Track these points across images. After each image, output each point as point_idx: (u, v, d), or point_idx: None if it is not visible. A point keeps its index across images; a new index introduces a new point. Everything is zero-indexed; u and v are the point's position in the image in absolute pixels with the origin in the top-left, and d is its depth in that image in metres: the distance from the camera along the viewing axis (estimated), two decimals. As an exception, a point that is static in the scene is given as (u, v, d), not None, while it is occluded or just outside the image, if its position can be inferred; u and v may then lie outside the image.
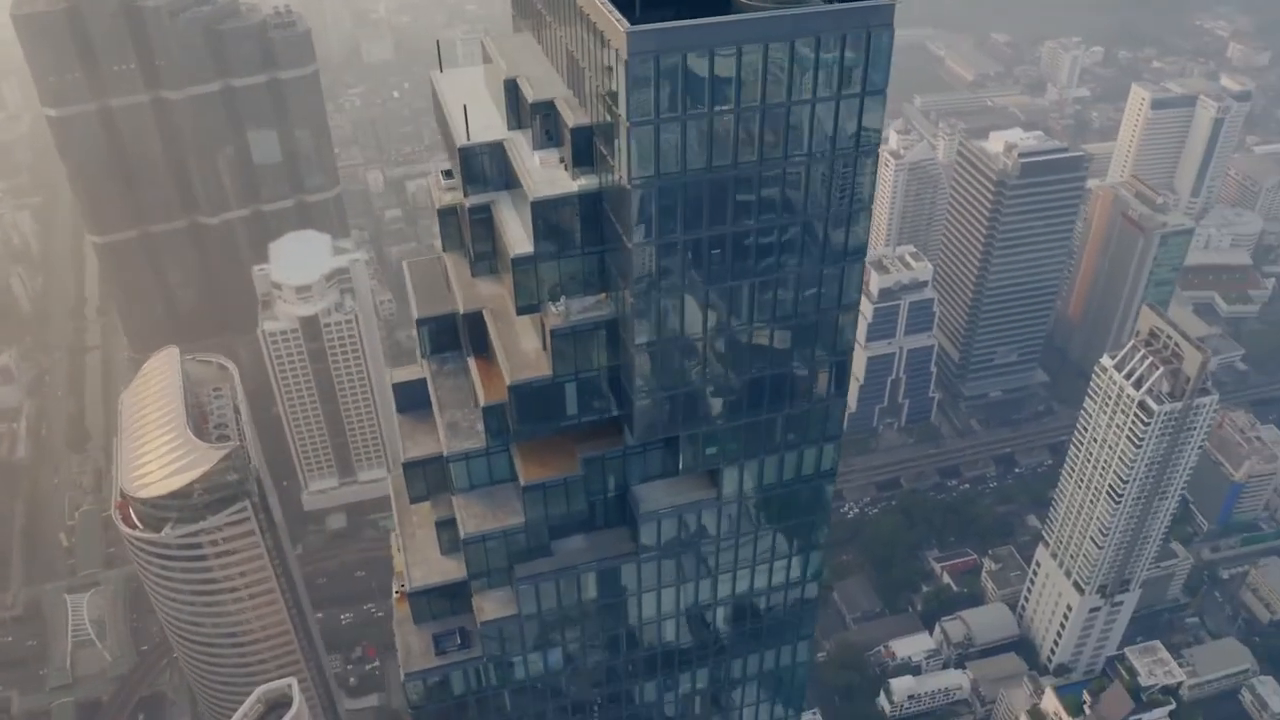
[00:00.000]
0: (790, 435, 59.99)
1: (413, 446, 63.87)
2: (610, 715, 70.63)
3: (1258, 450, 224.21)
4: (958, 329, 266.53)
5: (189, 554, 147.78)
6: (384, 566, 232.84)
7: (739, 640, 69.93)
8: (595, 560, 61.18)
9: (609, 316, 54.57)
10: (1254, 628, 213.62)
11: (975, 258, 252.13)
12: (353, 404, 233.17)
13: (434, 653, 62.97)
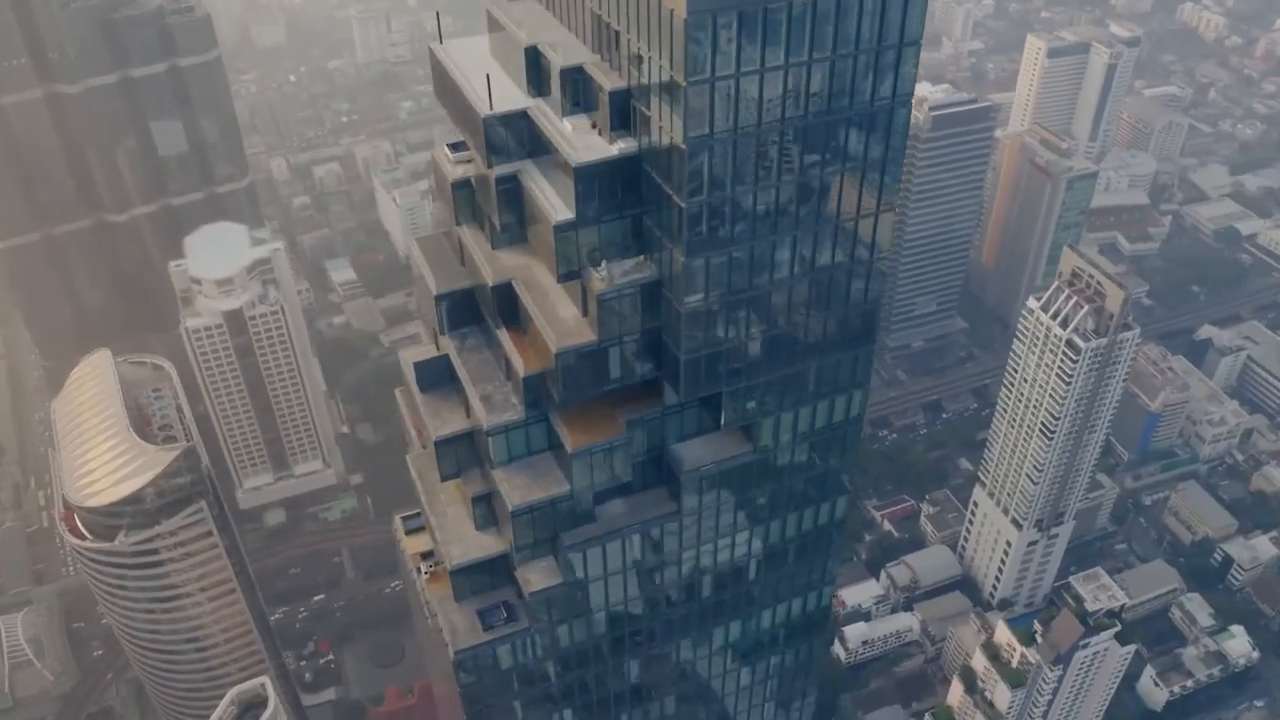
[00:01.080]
0: (824, 384, 61.36)
1: (441, 425, 63.39)
2: (648, 675, 71.55)
3: (1170, 381, 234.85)
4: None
5: (145, 560, 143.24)
6: (328, 560, 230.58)
7: (767, 590, 71.43)
8: (638, 523, 61.83)
9: (652, 278, 55.00)
10: (1178, 549, 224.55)
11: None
12: (284, 397, 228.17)
13: (481, 628, 62.82)
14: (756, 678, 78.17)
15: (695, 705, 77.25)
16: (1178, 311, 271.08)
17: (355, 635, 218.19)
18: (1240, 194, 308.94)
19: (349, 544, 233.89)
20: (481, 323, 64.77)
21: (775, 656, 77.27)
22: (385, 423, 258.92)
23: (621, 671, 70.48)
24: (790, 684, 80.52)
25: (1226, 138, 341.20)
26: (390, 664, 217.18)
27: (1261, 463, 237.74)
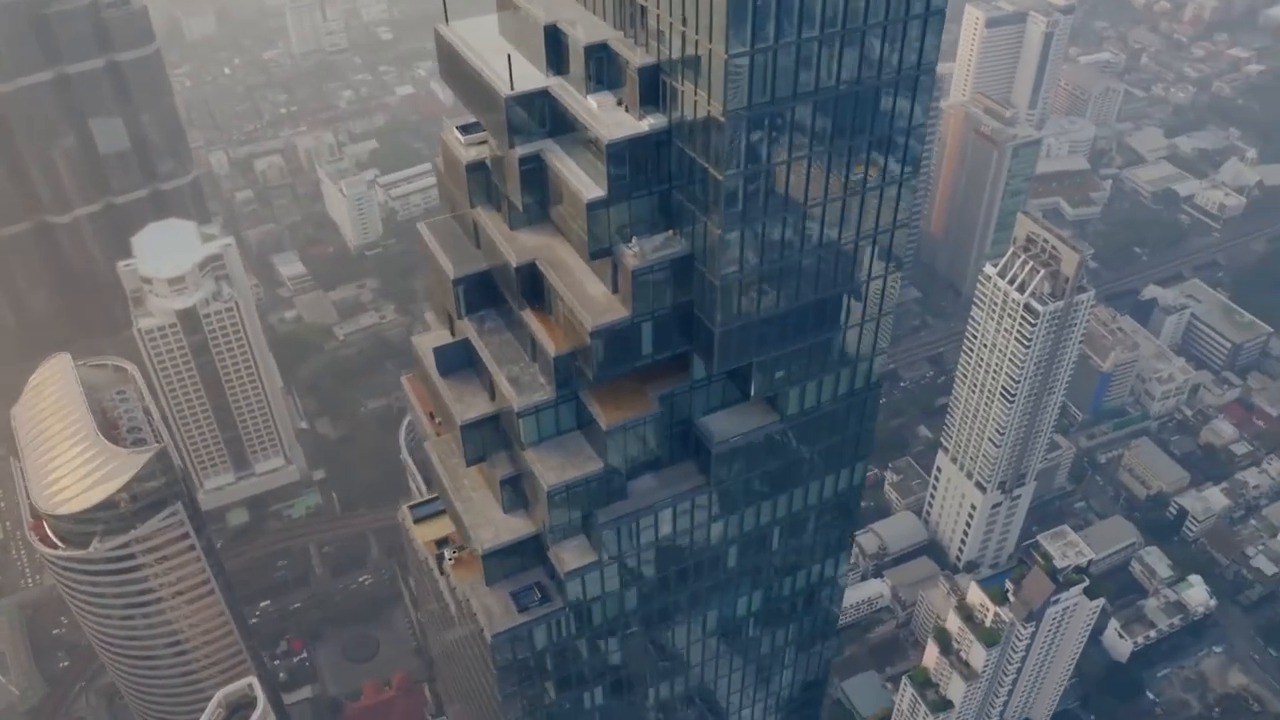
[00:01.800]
0: (847, 351, 62.24)
1: (466, 409, 63.12)
2: (675, 648, 72.22)
3: (1121, 341, 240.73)
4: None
5: (121, 566, 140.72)
6: (295, 557, 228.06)
7: (789, 557, 72.40)
8: (670, 497, 62.25)
9: (683, 252, 55.27)
10: (1134, 504, 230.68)
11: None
12: (241, 395, 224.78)
13: (516, 610, 62.88)
14: (776, 644, 79.29)
15: (718, 675, 78.10)
16: (1122, 273, 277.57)
17: (327, 632, 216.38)
18: (1176, 156, 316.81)
19: (315, 540, 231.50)
20: (499, 305, 64.56)
21: (794, 623, 78.40)
22: (344, 417, 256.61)
23: (650, 646, 71.01)
24: (808, 649, 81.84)
25: (1160, 102, 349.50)
26: (365, 659, 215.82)
27: (1209, 417, 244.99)
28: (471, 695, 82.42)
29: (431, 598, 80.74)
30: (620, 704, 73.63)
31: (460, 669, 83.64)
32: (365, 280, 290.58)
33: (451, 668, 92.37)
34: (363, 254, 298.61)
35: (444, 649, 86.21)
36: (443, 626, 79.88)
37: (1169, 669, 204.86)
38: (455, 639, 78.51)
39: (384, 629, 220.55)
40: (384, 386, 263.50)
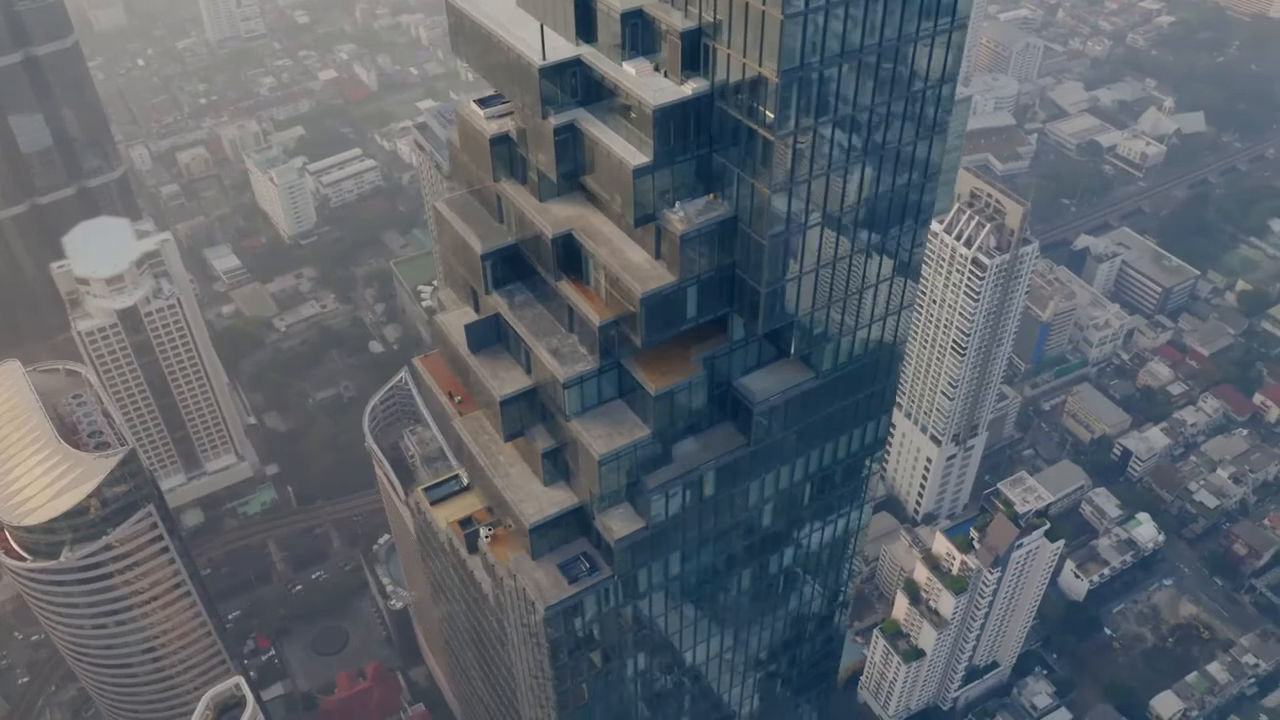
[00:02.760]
0: (878, 305, 63.38)
1: (502, 384, 62.92)
2: (712, 610, 73.14)
3: (1058, 290, 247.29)
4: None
5: (93, 574, 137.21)
6: (255, 555, 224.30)
7: (818, 512, 73.70)
8: (714, 458, 62.88)
9: (727, 215, 55.67)
10: (1079, 448, 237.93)
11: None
12: (189, 393, 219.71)
13: (566, 581, 63.08)
14: (804, 598, 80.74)
15: (749, 634, 79.30)
16: (1053, 224, 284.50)
17: (294, 628, 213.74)
18: (1097, 109, 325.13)
19: (273, 536, 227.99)
20: (526, 278, 64.40)
21: (820, 577, 79.88)
22: (293, 410, 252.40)
23: (690, 607, 71.80)
24: (833, 601, 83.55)
25: (1078, 56, 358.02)
26: (334, 651, 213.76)
27: (1145, 360, 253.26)
28: (497, 675, 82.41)
29: (455, 578, 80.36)
30: (659, 669, 74.41)
31: (481, 649, 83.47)
32: (303, 270, 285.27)
33: (465, 650, 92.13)
34: (298, 243, 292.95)
35: (466, 630, 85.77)
36: (469, 605, 79.59)
37: (1123, 604, 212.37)
38: (481, 617, 78.35)
39: (352, 620, 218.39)
40: (331, 376, 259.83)
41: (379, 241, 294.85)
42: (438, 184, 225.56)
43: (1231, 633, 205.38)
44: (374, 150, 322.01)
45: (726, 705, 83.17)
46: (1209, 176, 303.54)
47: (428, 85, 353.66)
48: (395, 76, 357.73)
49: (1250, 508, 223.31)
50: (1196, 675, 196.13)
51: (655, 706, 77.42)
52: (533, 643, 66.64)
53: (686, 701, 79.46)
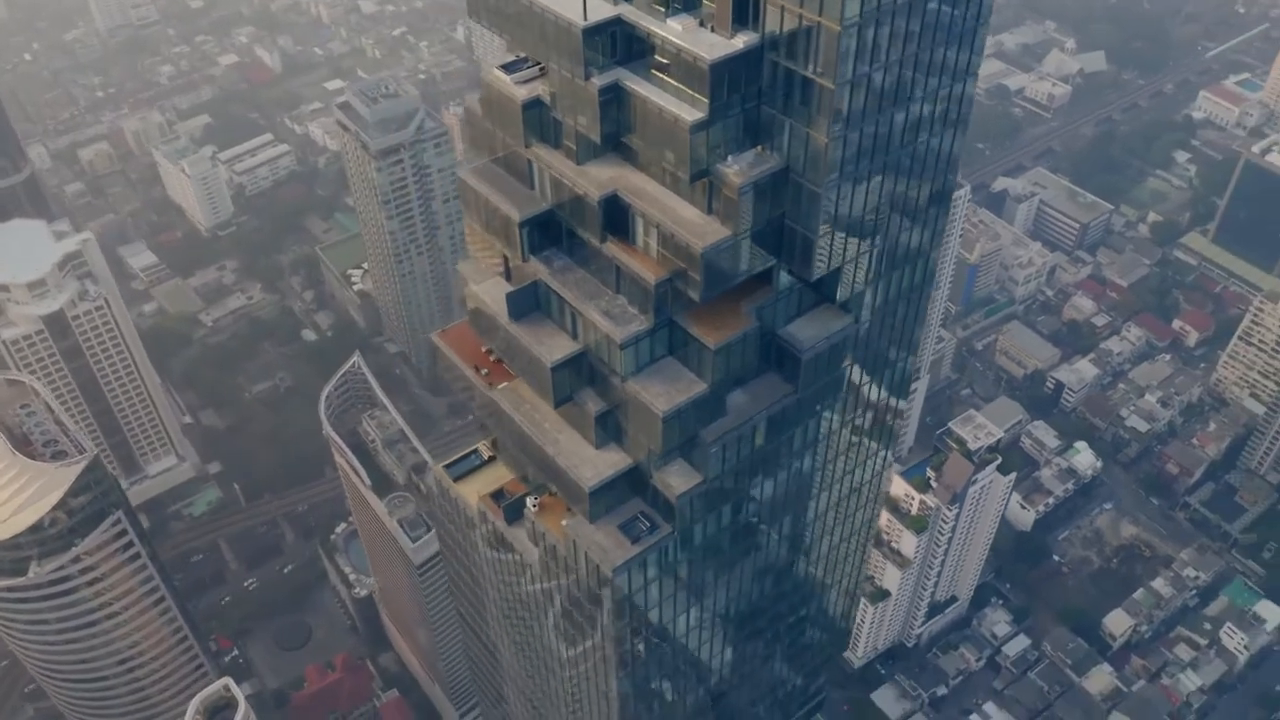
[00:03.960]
0: (911, 248, 64.84)
1: (550, 350, 62.67)
2: (756, 559, 74.45)
3: (983, 232, 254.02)
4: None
5: (63, 588, 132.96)
6: (206, 556, 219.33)
7: (852, 456, 75.40)
8: (765, 407, 63.80)
9: (779, 166, 56.27)
10: (1014, 384, 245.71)
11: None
12: (124, 396, 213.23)
13: (629, 542, 63.52)
14: (833, 542, 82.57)
15: (786, 583, 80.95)
16: (971, 168, 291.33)
17: (254, 626, 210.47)
18: (1002, 53, 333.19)
19: (224, 535, 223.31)
20: (559, 243, 64.18)
21: (847, 521, 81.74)
22: (229, 405, 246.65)
23: (739, 558, 72.93)
24: (863, 544, 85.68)
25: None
26: (298, 646, 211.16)
27: (1068, 294, 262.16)
28: (534, 646, 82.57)
29: (484, 552, 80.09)
30: (706, 624, 75.54)
31: (516, 622, 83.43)
32: (224, 262, 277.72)
33: (491, 625, 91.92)
34: (216, 235, 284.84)
35: (497, 604, 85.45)
36: (503, 579, 79.46)
37: (1068, 530, 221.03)
38: (518, 588, 78.34)
39: (313, 613, 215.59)
40: (265, 368, 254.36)
41: (301, 228, 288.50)
42: (365, 164, 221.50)
43: (1171, 549, 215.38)
44: (285, 134, 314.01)
45: (764, 653, 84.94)
46: (1113, 114, 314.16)
47: (334, 65, 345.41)
48: (299, 57, 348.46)
49: (1178, 429, 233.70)
50: (1143, 592, 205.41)
51: (700, 660, 78.64)
52: (594, 606, 67.02)
53: (728, 654, 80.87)
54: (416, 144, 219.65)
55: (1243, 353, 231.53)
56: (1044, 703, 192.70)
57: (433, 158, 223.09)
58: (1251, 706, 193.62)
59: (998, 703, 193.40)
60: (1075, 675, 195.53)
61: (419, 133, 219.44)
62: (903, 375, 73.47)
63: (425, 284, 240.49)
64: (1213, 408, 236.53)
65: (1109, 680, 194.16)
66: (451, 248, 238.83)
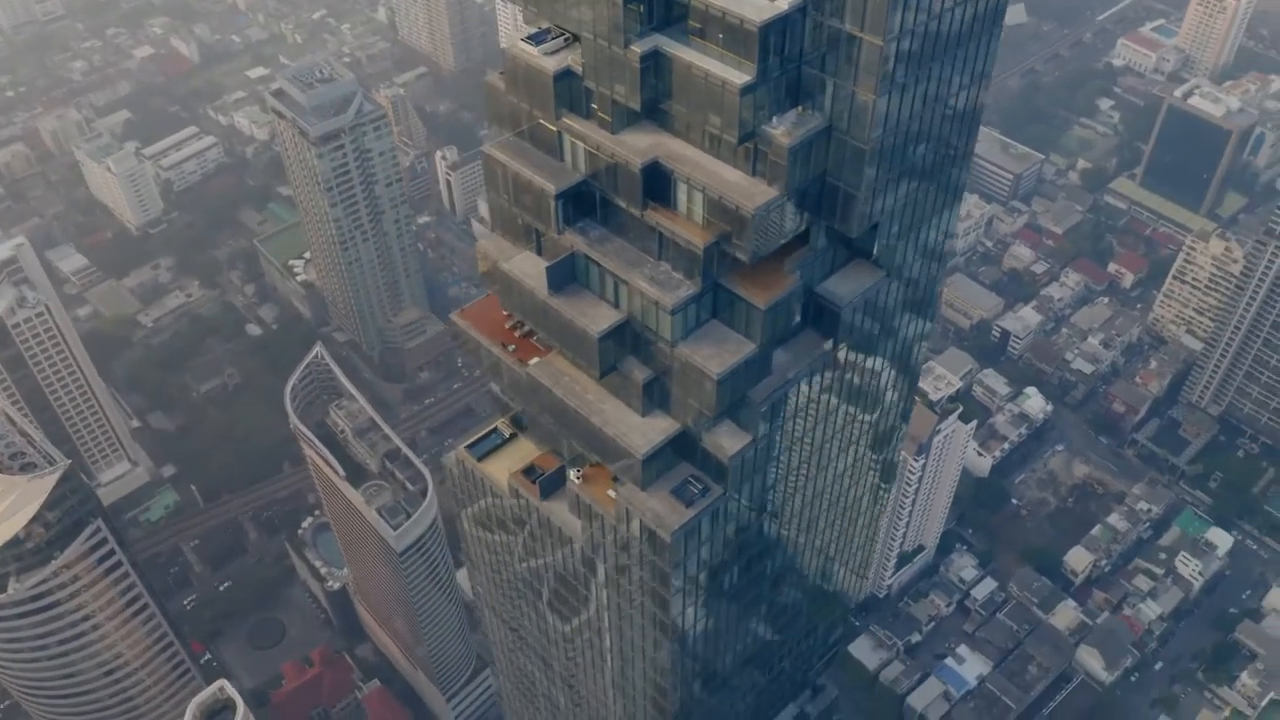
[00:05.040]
0: (937, 200, 66.19)
1: (595, 320, 62.85)
2: (794, 514, 75.71)
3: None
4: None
5: (45, 603, 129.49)
6: (168, 561, 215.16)
7: (880, 404, 76.98)
8: (807, 365, 64.83)
9: (823, 125, 56.98)
10: (962, 335, 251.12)
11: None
12: (70, 404, 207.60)
13: (684, 506, 64.14)
14: (859, 491, 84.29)
15: (818, 535, 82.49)
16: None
17: (225, 628, 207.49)
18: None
19: (185, 539, 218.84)
20: (592, 214, 64.29)
21: (871, 472, 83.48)
22: (178, 406, 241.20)
23: (781, 513, 74.15)
24: (889, 492, 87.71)
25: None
26: (272, 644, 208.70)
27: (1007, 244, 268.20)
28: (573, 620, 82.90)
29: (515, 531, 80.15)
30: (750, 580, 76.75)
31: (554, 597, 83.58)
32: (159, 260, 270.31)
33: (519, 603, 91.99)
34: (147, 233, 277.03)
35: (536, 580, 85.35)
36: (540, 553, 79.62)
37: (1024, 474, 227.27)
38: (556, 562, 78.61)
39: (285, 609, 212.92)
40: (212, 366, 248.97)
41: (235, 221, 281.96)
42: (304, 151, 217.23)
43: (1122, 485, 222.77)
44: (210, 126, 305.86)
45: (795, 607, 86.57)
46: (1036, 65, 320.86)
47: (254, 52, 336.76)
48: (217, 46, 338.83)
49: (1121, 369, 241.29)
50: (1100, 528, 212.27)
51: (741, 615, 79.96)
52: (645, 572, 67.57)
53: (764, 610, 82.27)
54: (356, 128, 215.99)
55: (1177, 291, 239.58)
56: (1014, 641, 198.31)
57: (373, 141, 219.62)
58: (1208, 629, 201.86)
59: (970, 645, 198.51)
60: (1042, 613, 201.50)
61: (358, 116, 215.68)
62: (924, 327, 75.07)
63: (372, 270, 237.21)
64: (1152, 346, 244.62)
65: (1074, 615, 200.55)
66: (397, 233, 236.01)
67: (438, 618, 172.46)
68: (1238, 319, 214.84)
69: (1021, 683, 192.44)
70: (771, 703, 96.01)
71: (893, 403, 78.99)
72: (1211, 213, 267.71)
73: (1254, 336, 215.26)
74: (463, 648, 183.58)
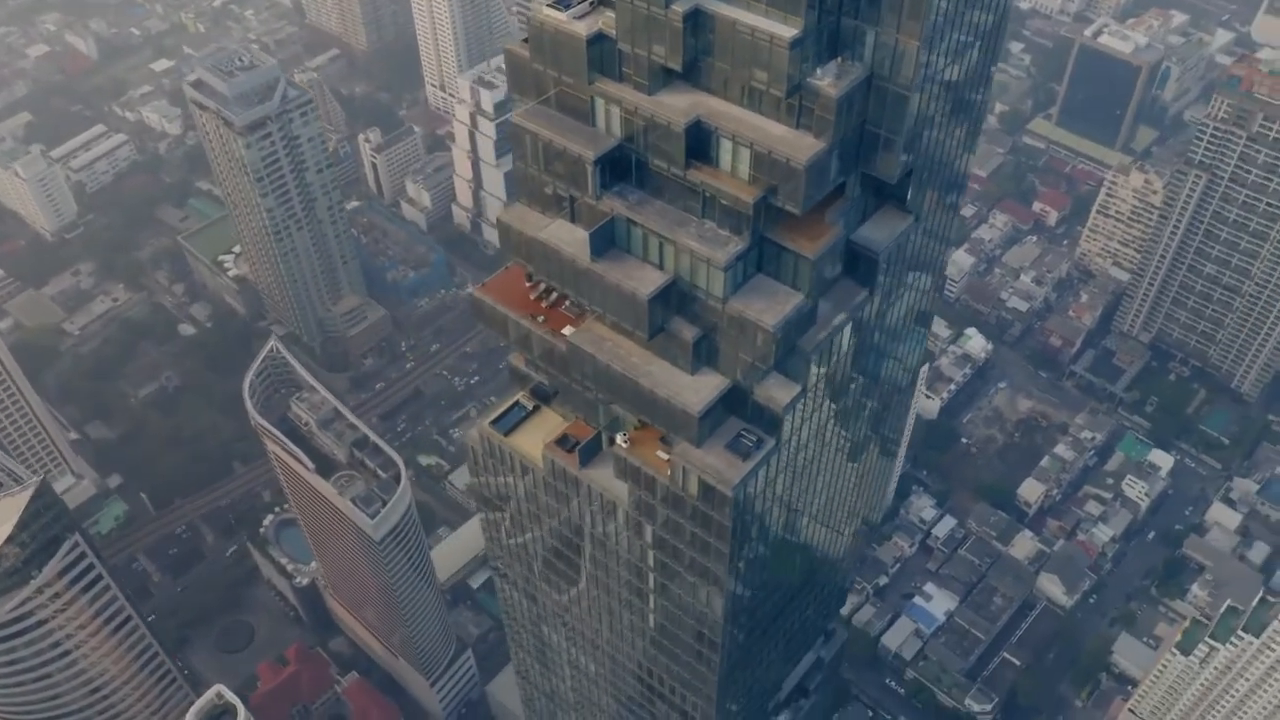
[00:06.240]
0: (958, 144, 67.81)
1: (642, 282, 63.03)
2: (824, 464, 77.33)
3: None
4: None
5: (27, 624, 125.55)
6: (124, 573, 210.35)
7: (904, 342, 78.94)
8: (849, 310, 66.16)
9: (865, 74, 57.90)
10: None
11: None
12: (7, 420, 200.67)
13: (740, 460, 65.07)
14: (883, 434, 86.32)
15: (844, 477, 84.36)
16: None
17: (191, 635, 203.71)
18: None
19: (140, 548, 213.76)
20: (626, 177, 64.46)
21: (893, 416, 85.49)
22: (117, 414, 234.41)
23: (819, 460, 75.69)
24: (899, 436, 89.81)
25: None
26: (242, 646, 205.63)
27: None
28: (617, 588, 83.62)
29: (551, 500, 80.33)
30: (790, 526, 78.26)
31: (595, 566, 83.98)
32: (79, 266, 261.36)
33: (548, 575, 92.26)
34: (63, 239, 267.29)
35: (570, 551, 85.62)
36: (578, 522, 80.00)
37: (970, 413, 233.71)
38: (595, 529, 79.08)
39: (251, 611, 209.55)
40: (148, 370, 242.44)
41: (155, 220, 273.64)
42: (230, 142, 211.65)
43: (1065, 416, 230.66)
44: (118, 124, 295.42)
45: (822, 551, 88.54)
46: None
47: (156, 44, 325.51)
48: (116, 41, 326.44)
49: (1054, 304, 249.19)
50: (1048, 459, 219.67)
51: (782, 562, 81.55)
52: (701, 528, 68.37)
53: (799, 558, 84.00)
54: (283, 114, 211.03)
55: (1102, 225, 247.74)
56: (977, 575, 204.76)
57: (301, 127, 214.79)
58: (1157, 547, 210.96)
59: (936, 582, 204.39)
60: (1001, 545, 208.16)
61: (284, 102, 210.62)
62: (940, 270, 76.94)
63: (309, 259, 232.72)
64: (1081, 280, 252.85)
65: (1032, 545, 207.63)
66: (331, 219, 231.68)
67: (418, 603, 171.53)
68: (1163, 248, 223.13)
69: (988, 614, 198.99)
70: (797, 649, 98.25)
71: (915, 343, 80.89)
72: (1126, 147, 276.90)
73: (1179, 264, 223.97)
74: (443, 631, 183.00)
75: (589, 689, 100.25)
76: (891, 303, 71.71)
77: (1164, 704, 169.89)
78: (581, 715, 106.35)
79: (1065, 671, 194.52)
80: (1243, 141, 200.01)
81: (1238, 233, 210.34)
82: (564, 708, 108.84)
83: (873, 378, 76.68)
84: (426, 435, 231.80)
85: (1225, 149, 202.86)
